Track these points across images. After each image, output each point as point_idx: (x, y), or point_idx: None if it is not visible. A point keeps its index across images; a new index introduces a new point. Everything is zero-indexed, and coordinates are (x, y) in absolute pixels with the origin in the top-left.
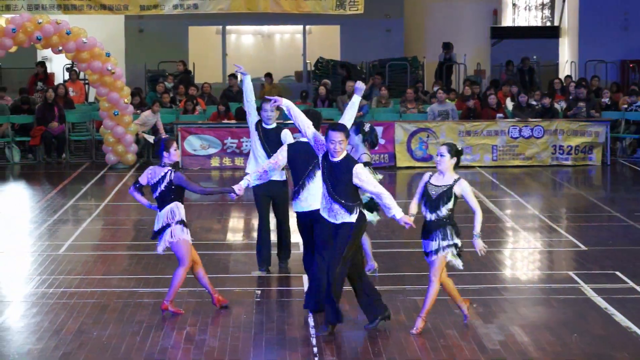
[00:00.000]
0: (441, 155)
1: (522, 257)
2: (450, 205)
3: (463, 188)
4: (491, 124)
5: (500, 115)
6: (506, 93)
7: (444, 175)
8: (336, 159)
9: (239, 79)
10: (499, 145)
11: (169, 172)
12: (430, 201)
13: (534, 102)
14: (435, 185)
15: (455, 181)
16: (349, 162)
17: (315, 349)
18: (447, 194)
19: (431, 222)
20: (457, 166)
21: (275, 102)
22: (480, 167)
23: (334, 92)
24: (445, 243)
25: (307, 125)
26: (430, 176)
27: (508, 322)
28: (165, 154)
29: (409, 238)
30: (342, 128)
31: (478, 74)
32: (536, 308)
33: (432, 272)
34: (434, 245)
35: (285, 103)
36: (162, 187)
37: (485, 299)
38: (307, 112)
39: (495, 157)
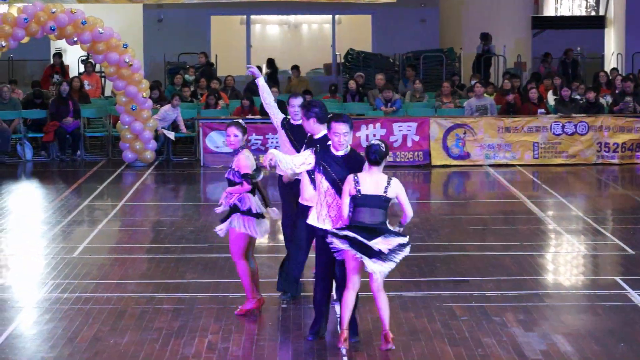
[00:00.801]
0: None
1: (565, 262)
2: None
3: (395, 189)
4: (532, 120)
5: (542, 110)
6: (548, 87)
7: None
8: (340, 153)
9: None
10: (541, 142)
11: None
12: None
13: (577, 97)
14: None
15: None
16: (357, 155)
17: (345, 358)
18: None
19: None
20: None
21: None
22: (520, 165)
23: (365, 86)
24: (397, 241)
25: (297, 164)
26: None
27: (550, 330)
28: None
29: (446, 241)
30: (346, 119)
31: (518, 67)
32: (580, 316)
33: (381, 282)
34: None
35: (274, 154)
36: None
37: (526, 306)
38: (310, 102)
39: (537, 155)
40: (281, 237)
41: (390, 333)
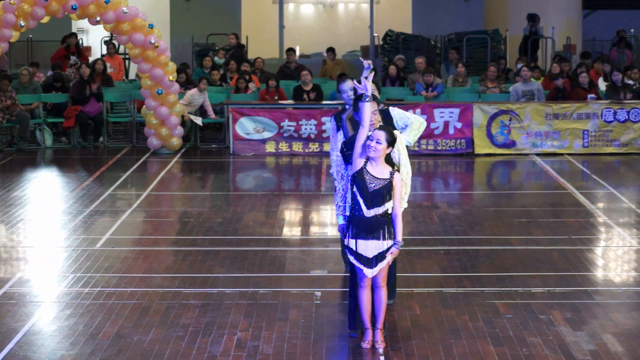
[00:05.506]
0: (378, 143)
1: (616, 257)
2: (392, 201)
3: (397, 182)
4: (582, 106)
5: (593, 96)
6: (599, 71)
7: (378, 163)
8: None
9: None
10: (591, 130)
11: None
12: (368, 194)
13: (630, 82)
14: (375, 177)
15: (392, 174)
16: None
17: (382, 358)
18: (388, 187)
19: (370, 218)
20: None
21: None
22: (569, 154)
23: (405, 69)
24: (391, 242)
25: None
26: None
27: (600, 329)
28: None
29: (490, 234)
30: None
31: (568, 50)
32: (632, 314)
33: (382, 277)
34: (383, 245)
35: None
36: None
37: (575, 303)
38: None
39: (587, 143)
40: (313, 229)
41: (383, 332)
